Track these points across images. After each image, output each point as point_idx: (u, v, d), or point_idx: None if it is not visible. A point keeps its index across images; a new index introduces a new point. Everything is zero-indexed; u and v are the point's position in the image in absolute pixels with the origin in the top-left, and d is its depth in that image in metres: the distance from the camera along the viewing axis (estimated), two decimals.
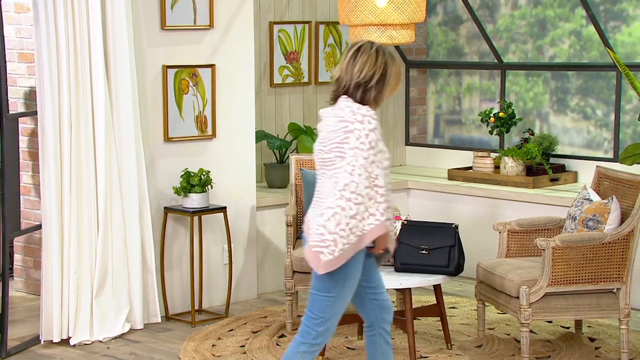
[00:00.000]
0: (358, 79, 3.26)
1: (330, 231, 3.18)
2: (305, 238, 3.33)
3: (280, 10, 6.09)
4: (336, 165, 3.21)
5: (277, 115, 6.13)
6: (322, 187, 3.26)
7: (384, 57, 3.30)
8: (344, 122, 3.21)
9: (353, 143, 3.18)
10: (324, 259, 3.19)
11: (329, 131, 3.25)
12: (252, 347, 4.55)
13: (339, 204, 3.17)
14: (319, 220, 3.21)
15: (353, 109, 3.22)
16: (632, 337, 4.54)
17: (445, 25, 6.65)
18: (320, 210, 3.23)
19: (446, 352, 4.44)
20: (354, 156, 3.17)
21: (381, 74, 3.28)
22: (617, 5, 5.71)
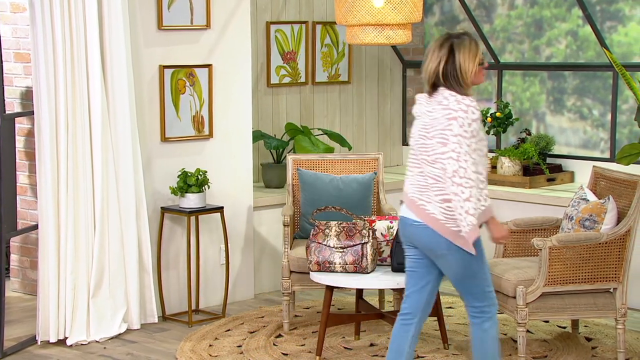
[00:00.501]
0: (448, 70, 3.42)
1: (459, 212, 3.38)
2: (408, 213, 3.49)
3: (277, 10, 6.08)
4: (437, 151, 3.39)
5: (274, 115, 6.13)
6: (427, 171, 3.44)
7: (467, 48, 3.44)
8: (448, 110, 3.38)
9: (456, 130, 3.34)
10: (465, 234, 3.38)
11: (433, 118, 3.42)
12: (249, 347, 4.54)
13: (452, 190, 3.36)
14: (451, 206, 3.39)
15: (457, 99, 3.38)
16: (629, 337, 4.54)
17: (442, 25, 6.64)
18: (441, 196, 3.41)
19: (443, 351, 4.43)
20: (457, 143, 3.34)
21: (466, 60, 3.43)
22: (613, 5, 5.71)
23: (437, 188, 3.43)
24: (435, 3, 6.62)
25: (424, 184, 3.46)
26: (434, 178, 3.42)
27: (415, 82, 6.81)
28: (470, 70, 3.42)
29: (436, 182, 3.42)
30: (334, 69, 6.35)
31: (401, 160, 6.81)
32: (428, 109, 3.47)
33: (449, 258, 3.46)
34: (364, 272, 4.29)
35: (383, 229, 4.46)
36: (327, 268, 4.31)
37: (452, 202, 3.38)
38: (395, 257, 4.30)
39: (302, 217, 5.01)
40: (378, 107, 6.66)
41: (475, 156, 3.35)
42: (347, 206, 4.70)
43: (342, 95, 6.46)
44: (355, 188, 4.97)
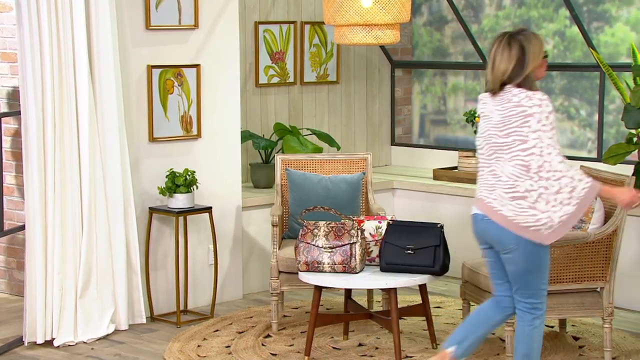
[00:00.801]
0: (519, 68, 3.46)
1: (542, 210, 3.43)
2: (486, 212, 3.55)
3: (265, 10, 6.07)
4: (515, 148, 3.44)
5: (263, 115, 6.11)
6: (501, 170, 3.48)
7: (529, 43, 3.48)
8: (521, 107, 3.43)
9: (535, 126, 3.40)
10: (545, 233, 3.43)
11: (505, 116, 3.46)
12: (238, 348, 4.52)
13: (540, 184, 3.41)
14: (523, 203, 3.43)
15: (528, 94, 3.43)
16: (615, 336, 4.55)
17: (430, 25, 6.65)
18: (512, 194, 3.45)
19: (431, 351, 4.43)
20: (538, 139, 3.40)
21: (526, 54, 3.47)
22: (600, 6, 5.73)
23: (509, 186, 3.47)
24: (423, 3, 6.62)
25: (492, 182, 3.52)
26: (509, 176, 3.46)
27: (404, 82, 6.81)
28: (538, 64, 3.48)
29: (510, 180, 3.46)
30: (323, 69, 6.35)
31: (390, 160, 6.81)
32: (497, 107, 3.51)
33: (516, 253, 3.51)
34: (352, 272, 4.28)
35: (372, 229, 4.45)
36: (315, 268, 4.30)
37: (540, 197, 3.41)
38: (384, 257, 4.30)
39: (291, 217, 5.00)
40: (367, 107, 6.65)
41: (558, 147, 3.41)
42: (336, 206, 4.69)
43: (331, 95, 6.45)
44: (343, 188, 4.96)
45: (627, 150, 4.88)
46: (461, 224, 5.74)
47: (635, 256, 5.07)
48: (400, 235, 4.31)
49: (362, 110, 6.62)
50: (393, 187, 6.16)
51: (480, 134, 3.59)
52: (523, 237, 3.47)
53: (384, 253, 4.30)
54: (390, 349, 4.42)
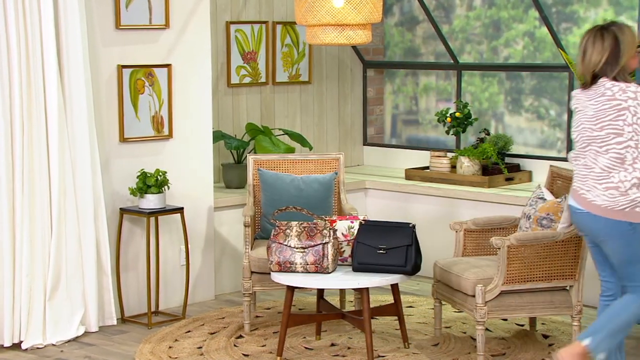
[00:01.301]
0: (612, 60, 3.51)
1: (635, 194, 3.50)
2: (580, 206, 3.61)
3: (237, 10, 6.04)
4: (611, 141, 3.51)
5: (235, 115, 6.09)
6: (594, 162, 3.56)
7: (617, 35, 3.54)
8: (616, 101, 3.48)
9: (630, 120, 3.47)
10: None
11: (598, 110, 3.51)
12: (210, 349, 4.50)
13: (634, 175, 3.50)
14: (615, 192, 3.51)
15: (621, 87, 3.48)
16: None
17: (401, 25, 6.66)
18: (605, 184, 3.53)
19: (403, 350, 4.44)
20: (634, 132, 3.47)
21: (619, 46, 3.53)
22: (568, 7, 5.77)
23: (602, 177, 3.53)
24: (395, 3, 6.63)
25: (584, 174, 3.58)
26: (603, 168, 3.53)
27: (376, 82, 6.82)
28: (631, 55, 3.51)
29: (604, 172, 3.52)
30: (295, 69, 6.33)
31: (362, 160, 6.81)
32: (590, 101, 3.54)
33: (614, 242, 3.56)
34: (325, 272, 4.27)
35: (344, 228, 4.45)
36: (288, 268, 4.29)
37: (632, 186, 3.49)
38: (356, 257, 4.30)
39: (263, 217, 4.98)
40: (339, 107, 6.65)
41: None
42: (308, 206, 4.68)
43: (303, 95, 6.44)
44: (316, 188, 4.96)
45: None
46: (433, 223, 5.76)
47: None
48: (373, 235, 4.31)
49: (334, 110, 6.61)
50: (365, 187, 6.17)
51: (574, 128, 3.65)
52: (618, 223, 3.51)
53: (356, 253, 4.29)
54: (363, 349, 4.42)
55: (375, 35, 6.60)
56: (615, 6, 5.58)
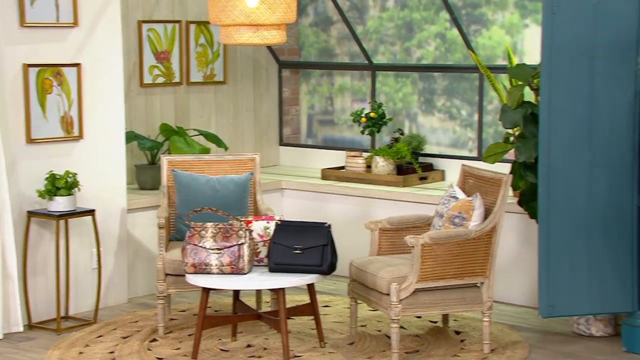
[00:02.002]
0: None
1: None
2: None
3: (149, 9, 5.93)
4: None
5: (148, 115, 5.97)
6: None
7: None
8: None
9: None
10: None
11: None
12: (122, 353, 4.39)
13: None
14: None
15: None
16: (494, 329, 4.68)
17: (316, 26, 6.66)
18: None
19: (319, 350, 4.43)
20: None
21: None
22: (477, 9, 5.88)
23: None
24: (309, 4, 6.63)
25: None
26: None
27: (291, 83, 6.80)
28: None
29: None
30: (209, 69, 6.26)
31: (278, 160, 6.78)
32: None
33: None
34: (240, 273, 4.23)
35: (260, 229, 4.41)
36: (203, 270, 4.23)
37: None
38: (272, 258, 4.27)
39: (178, 218, 4.90)
40: (254, 107, 6.60)
41: None
42: (224, 207, 4.63)
43: (218, 96, 6.37)
44: (231, 189, 4.91)
45: (504, 149, 5.02)
46: (349, 223, 5.78)
47: (513, 252, 5.23)
48: (289, 235, 4.29)
49: (249, 111, 6.56)
50: (281, 188, 6.14)
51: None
52: None
53: (272, 253, 4.27)
54: (279, 349, 4.39)
55: (290, 35, 6.58)
56: (521, 9, 5.72)
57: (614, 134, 4.30)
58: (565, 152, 4.29)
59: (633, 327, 4.36)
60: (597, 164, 4.30)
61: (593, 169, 4.31)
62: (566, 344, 4.52)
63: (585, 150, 4.30)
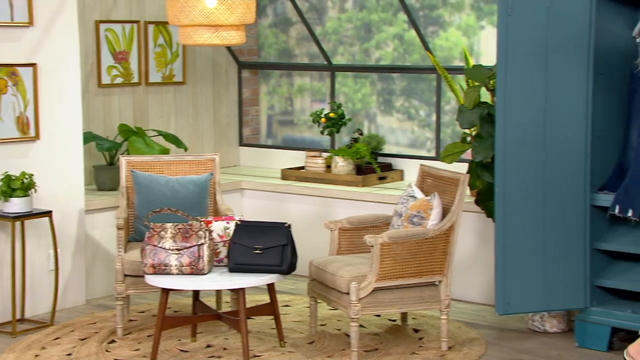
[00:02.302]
0: None
1: None
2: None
3: (106, 9, 5.86)
4: None
5: (106, 116, 5.91)
6: None
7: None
8: None
9: None
10: None
11: None
12: (80, 355, 4.33)
13: None
14: None
15: None
16: (451, 326, 4.71)
17: (275, 27, 6.66)
18: None
19: (279, 349, 4.42)
20: None
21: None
22: (434, 11, 5.92)
23: None
24: (268, 5, 6.62)
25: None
26: None
27: (251, 83, 6.78)
28: None
29: None
30: (168, 69, 6.21)
31: (238, 160, 6.76)
32: None
33: None
34: (200, 274, 4.20)
35: (220, 229, 4.39)
36: (162, 270, 4.20)
37: None
38: (232, 258, 4.25)
39: (137, 219, 4.85)
40: (214, 108, 6.57)
41: None
42: (184, 207, 4.60)
43: (177, 96, 6.32)
44: (191, 189, 4.87)
45: (461, 149, 5.06)
46: (309, 222, 5.78)
47: (469, 250, 5.28)
48: (249, 235, 4.27)
49: (209, 111, 6.53)
50: (241, 188, 6.12)
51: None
52: None
53: (232, 253, 4.25)
54: (239, 349, 4.38)
55: (250, 36, 6.57)
56: (477, 11, 5.77)
57: (567, 134, 4.36)
58: (520, 151, 4.34)
59: (585, 323, 4.43)
60: (551, 164, 4.36)
61: (547, 168, 4.36)
62: (522, 340, 4.57)
63: (540, 150, 4.35)
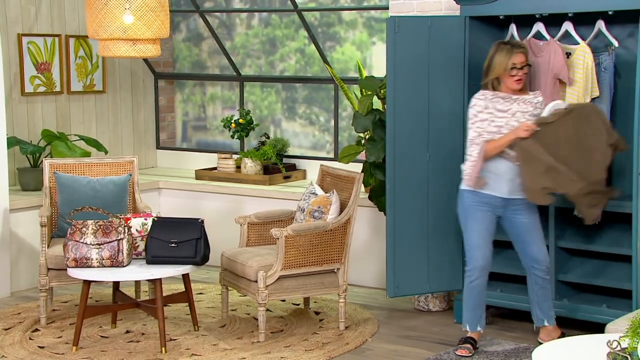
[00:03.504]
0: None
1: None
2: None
3: (28, 23, 5.70)
4: None
5: (30, 122, 5.74)
6: None
7: (492, 50, 3.97)
8: None
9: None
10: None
11: None
12: (4, 344, 4.20)
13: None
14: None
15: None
16: (349, 309, 4.79)
17: (189, 41, 6.61)
18: None
19: (194, 333, 4.40)
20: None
21: (487, 64, 3.99)
22: (331, 28, 6.01)
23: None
24: (181, 21, 6.57)
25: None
26: None
27: (167, 92, 6.72)
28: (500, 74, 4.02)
29: None
30: (89, 79, 6.08)
31: (156, 162, 6.68)
32: None
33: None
34: (120, 266, 4.15)
35: (138, 225, 4.34)
36: (84, 264, 4.12)
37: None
38: (150, 251, 4.21)
39: (60, 217, 4.74)
40: (133, 114, 6.47)
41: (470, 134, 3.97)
42: (104, 206, 4.52)
43: (98, 104, 6.20)
44: (111, 189, 4.80)
45: (357, 151, 5.15)
46: (221, 218, 5.77)
47: (364, 241, 5.37)
48: (165, 230, 4.24)
49: (128, 118, 6.43)
50: (159, 187, 6.05)
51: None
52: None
53: (150, 247, 4.21)
54: (156, 334, 4.34)
55: (165, 49, 6.50)
56: (369, 29, 5.89)
57: (447, 136, 4.50)
58: (408, 152, 4.45)
59: (462, 302, 4.58)
60: (434, 162, 4.49)
61: (430, 166, 4.50)
62: (409, 319, 4.69)
63: (424, 151, 4.48)
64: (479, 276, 3.99)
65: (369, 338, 4.34)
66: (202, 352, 4.12)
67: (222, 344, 4.23)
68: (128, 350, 4.14)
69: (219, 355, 4.07)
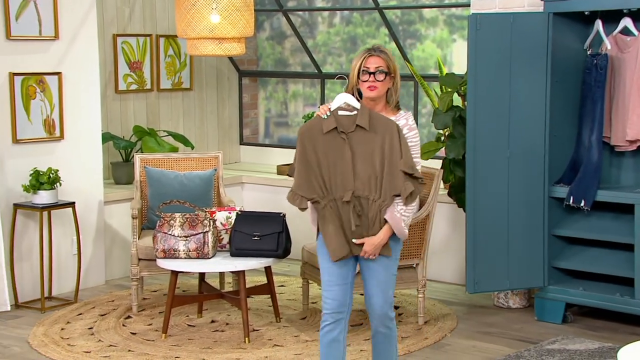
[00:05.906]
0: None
1: None
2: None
3: (122, 24, 5.88)
4: None
5: (123, 118, 5.93)
6: None
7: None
8: None
9: None
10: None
11: None
12: (100, 329, 4.37)
13: None
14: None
15: None
16: (427, 304, 4.76)
17: (272, 39, 6.68)
18: None
19: (275, 324, 4.46)
20: None
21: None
22: (412, 26, 5.96)
23: None
24: (265, 20, 6.64)
25: None
26: None
27: (250, 89, 6.81)
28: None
29: None
30: (177, 77, 6.23)
31: (239, 157, 6.79)
32: None
33: None
34: (205, 258, 4.24)
35: (223, 219, 4.43)
36: (172, 255, 4.23)
37: None
38: (234, 244, 4.28)
39: (150, 210, 4.88)
40: (218, 111, 6.60)
41: None
42: (191, 199, 4.63)
43: (185, 101, 6.35)
44: (197, 183, 4.91)
45: (436, 147, 5.11)
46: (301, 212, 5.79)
47: (443, 237, 5.32)
48: (248, 223, 4.31)
49: (213, 114, 6.56)
50: (242, 182, 6.15)
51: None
52: None
53: (234, 240, 4.28)
54: (240, 324, 4.42)
55: (249, 47, 6.59)
56: (449, 26, 5.81)
57: (528, 133, 4.41)
58: (488, 149, 4.38)
59: (543, 300, 4.49)
60: (515, 160, 4.40)
61: (511, 164, 4.41)
62: (488, 316, 4.62)
63: (505, 148, 4.40)
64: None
65: (448, 333, 4.30)
66: (284, 343, 4.17)
67: (303, 335, 4.27)
68: (213, 339, 4.24)
69: (300, 347, 4.11)
